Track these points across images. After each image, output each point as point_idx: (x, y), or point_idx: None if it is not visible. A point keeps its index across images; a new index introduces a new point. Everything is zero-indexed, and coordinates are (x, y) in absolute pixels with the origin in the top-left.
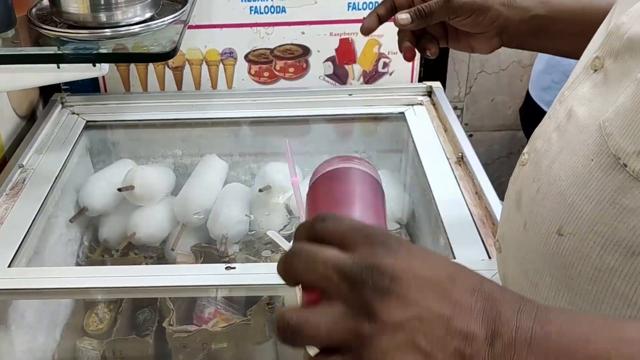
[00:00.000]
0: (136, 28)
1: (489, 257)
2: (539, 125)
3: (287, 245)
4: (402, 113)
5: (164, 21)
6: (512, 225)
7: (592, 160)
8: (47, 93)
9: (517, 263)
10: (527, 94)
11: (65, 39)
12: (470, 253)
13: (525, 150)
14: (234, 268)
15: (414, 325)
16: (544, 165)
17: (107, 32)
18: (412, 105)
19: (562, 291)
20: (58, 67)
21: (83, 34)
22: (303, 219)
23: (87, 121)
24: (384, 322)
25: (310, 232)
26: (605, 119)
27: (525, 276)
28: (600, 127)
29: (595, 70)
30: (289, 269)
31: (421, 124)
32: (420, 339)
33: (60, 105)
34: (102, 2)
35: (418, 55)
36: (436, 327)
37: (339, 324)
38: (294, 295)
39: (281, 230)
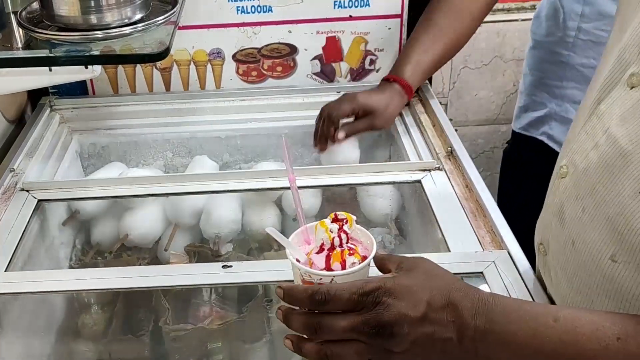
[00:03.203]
0: (127, 30)
1: (483, 249)
2: (573, 134)
3: (285, 242)
4: None
5: (154, 22)
6: (559, 239)
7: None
8: (35, 97)
9: (567, 279)
10: (513, 133)
11: (56, 41)
12: (464, 245)
13: (563, 163)
14: (231, 266)
15: (414, 345)
16: (587, 185)
17: (98, 34)
18: None
19: (620, 310)
20: (50, 70)
21: (74, 36)
22: (301, 216)
23: (77, 124)
24: (395, 352)
25: (317, 306)
26: None
27: (577, 293)
28: None
29: (633, 87)
30: (316, 336)
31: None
32: (418, 350)
33: (48, 109)
34: (93, 5)
35: None
36: (426, 341)
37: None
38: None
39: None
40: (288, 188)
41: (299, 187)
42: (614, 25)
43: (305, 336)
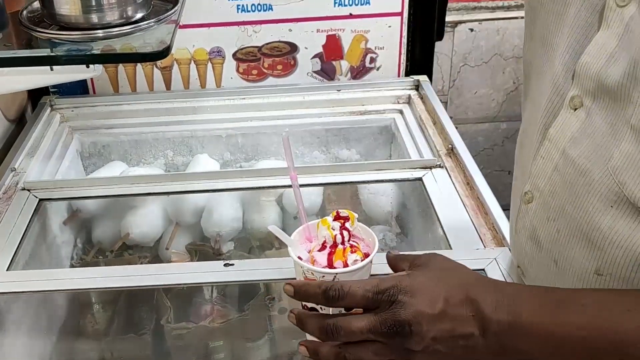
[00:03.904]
0: (128, 29)
1: (484, 246)
2: (527, 159)
3: (287, 239)
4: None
5: (155, 21)
6: (539, 261)
7: (611, 207)
8: (36, 96)
9: None
10: None
11: (57, 40)
12: (465, 243)
13: (527, 189)
14: (232, 265)
15: (434, 341)
16: (556, 206)
17: (100, 33)
18: (400, 102)
19: None
20: (51, 69)
21: (75, 35)
22: (302, 213)
23: (77, 124)
24: (415, 351)
25: (331, 302)
26: (613, 166)
27: None
28: (610, 174)
29: (576, 109)
30: (332, 339)
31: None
32: (439, 347)
33: (49, 108)
34: (94, 4)
35: (404, 49)
36: (446, 338)
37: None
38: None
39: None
40: (289, 186)
41: (300, 185)
42: (527, 36)
43: (318, 340)
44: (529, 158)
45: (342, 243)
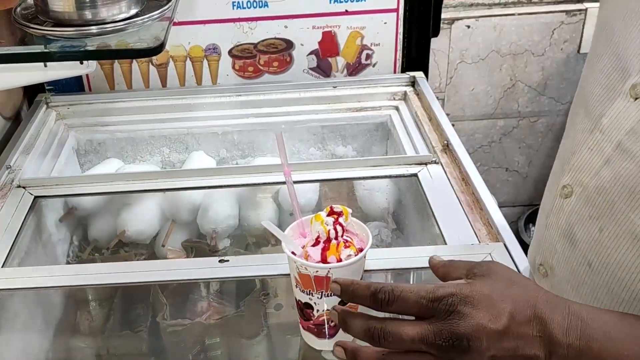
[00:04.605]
0: (122, 25)
1: (479, 242)
2: (571, 150)
3: (281, 235)
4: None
5: (149, 17)
6: (570, 261)
7: None
8: (32, 94)
9: (582, 301)
10: None
11: (51, 37)
12: (460, 238)
13: (566, 182)
14: (227, 261)
15: None
16: (602, 204)
17: (93, 29)
18: (395, 99)
19: None
20: (45, 66)
21: (69, 31)
22: (296, 208)
23: (73, 121)
24: None
25: (380, 306)
26: None
27: None
28: None
29: (637, 99)
30: (377, 344)
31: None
32: None
33: (45, 106)
34: (88, 0)
35: (400, 46)
36: (507, 358)
37: None
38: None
39: None
40: (285, 183)
41: (296, 182)
42: (596, 36)
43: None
44: (572, 149)
45: (336, 238)
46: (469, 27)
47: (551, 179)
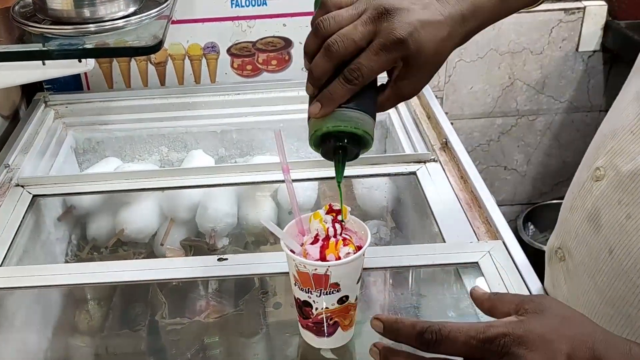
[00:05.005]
0: (120, 23)
1: (478, 239)
2: (615, 136)
3: (279, 233)
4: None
5: (147, 15)
6: (591, 245)
7: None
8: (30, 92)
9: (598, 289)
10: None
11: (49, 35)
12: (459, 236)
13: (600, 164)
14: (226, 259)
15: None
16: (634, 190)
17: (92, 27)
18: None
19: None
20: (43, 64)
21: (67, 30)
22: (295, 206)
23: (72, 120)
24: None
25: (426, 347)
26: None
27: (610, 305)
28: None
29: None
30: None
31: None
32: None
33: (43, 105)
34: None
35: None
36: None
37: None
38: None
39: None
40: (284, 181)
41: (295, 180)
42: None
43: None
44: (613, 132)
45: (335, 236)
46: None
47: (584, 159)
